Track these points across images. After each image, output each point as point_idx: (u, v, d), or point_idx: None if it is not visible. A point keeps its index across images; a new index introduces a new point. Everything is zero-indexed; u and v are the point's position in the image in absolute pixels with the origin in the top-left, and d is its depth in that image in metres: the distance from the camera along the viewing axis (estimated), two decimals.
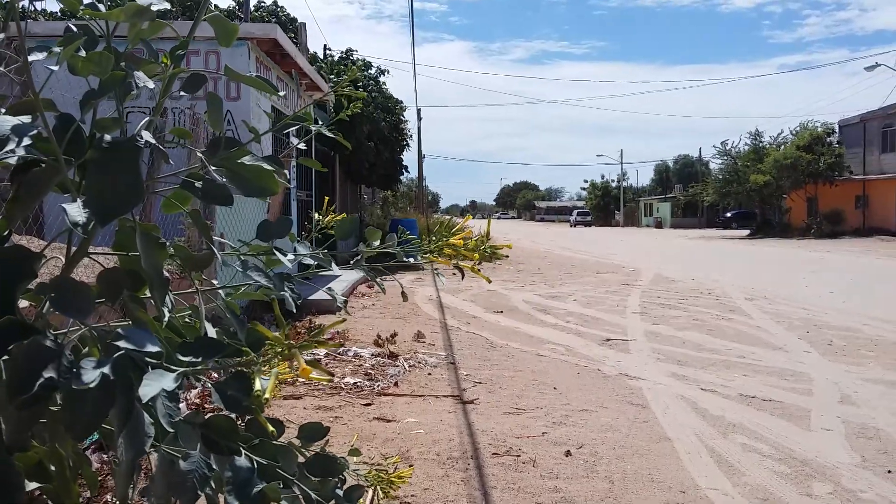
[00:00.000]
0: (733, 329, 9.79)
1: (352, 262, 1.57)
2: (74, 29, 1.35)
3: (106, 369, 0.99)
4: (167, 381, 1.05)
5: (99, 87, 1.19)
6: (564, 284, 15.89)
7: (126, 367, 1.03)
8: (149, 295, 1.29)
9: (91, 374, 0.98)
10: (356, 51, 25.27)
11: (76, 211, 1.13)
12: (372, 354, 7.67)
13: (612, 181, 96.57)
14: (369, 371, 7.03)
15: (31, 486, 1.39)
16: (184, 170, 1.29)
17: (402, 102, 25.42)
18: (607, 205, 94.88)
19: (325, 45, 26.67)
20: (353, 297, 12.72)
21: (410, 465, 4.52)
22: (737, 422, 5.49)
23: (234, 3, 23.53)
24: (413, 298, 12.60)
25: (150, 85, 1.26)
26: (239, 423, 1.36)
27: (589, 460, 4.67)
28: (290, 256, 1.42)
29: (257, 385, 1.30)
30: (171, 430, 1.04)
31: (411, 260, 1.59)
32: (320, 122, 1.54)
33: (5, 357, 1.09)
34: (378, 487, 1.89)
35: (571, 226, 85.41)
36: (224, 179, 1.22)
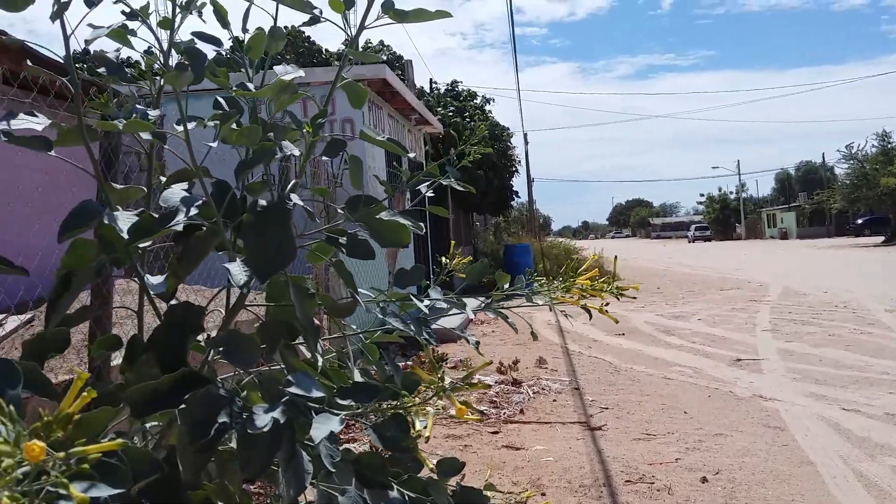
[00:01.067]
0: (874, 343, 9.25)
1: (482, 303, 1.64)
2: (222, 101, 1.49)
3: (276, 414, 1.10)
4: (333, 423, 1.14)
5: (253, 157, 1.31)
6: (687, 303, 15.45)
7: (291, 411, 1.12)
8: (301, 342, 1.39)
9: (263, 419, 1.08)
10: (461, 82, 25.69)
11: (238, 270, 1.25)
12: (496, 382, 7.71)
13: (731, 193, 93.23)
14: (494, 399, 7.07)
15: None
16: (327, 226, 1.40)
17: (508, 129, 25.60)
18: (727, 218, 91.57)
19: (430, 80, 27.29)
20: (472, 324, 12.82)
21: (543, 494, 4.52)
22: (884, 443, 5.19)
23: (343, 47, 24.53)
24: (533, 322, 12.57)
25: (296, 153, 1.37)
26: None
27: (727, 487, 4.53)
28: (427, 303, 1.51)
29: (418, 425, 1.38)
30: (333, 470, 1.13)
31: (539, 302, 1.64)
32: (446, 165, 1.62)
33: (182, 406, 1.21)
34: None
35: (690, 241, 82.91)
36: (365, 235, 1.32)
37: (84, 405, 0.91)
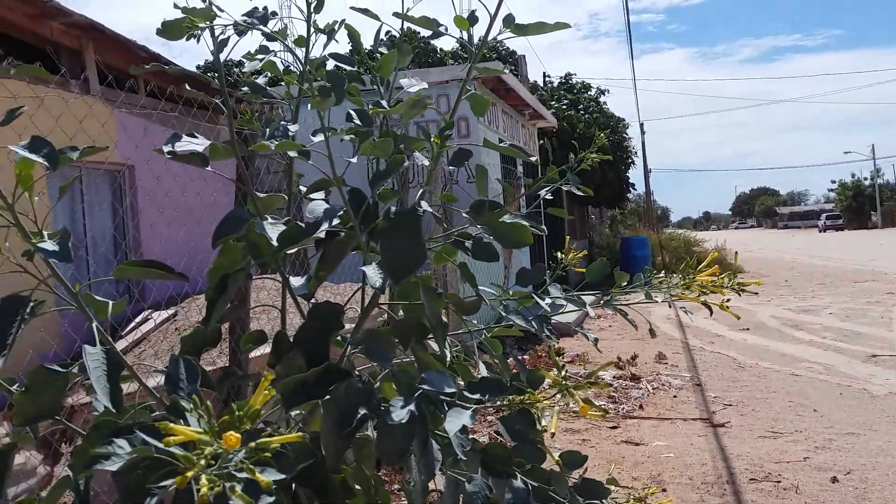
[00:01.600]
0: None
1: (600, 300, 1.70)
2: (354, 115, 1.61)
3: (412, 407, 1.20)
4: (465, 417, 1.23)
5: (386, 168, 1.42)
6: (817, 296, 14.75)
7: (425, 404, 1.22)
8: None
9: (401, 413, 1.18)
10: (574, 74, 25.45)
11: (373, 273, 1.36)
12: (613, 377, 7.66)
13: (865, 179, 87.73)
14: (612, 394, 7.03)
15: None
16: (455, 230, 1.49)
17: (624, 120, 25.13)
18: (860, 206, 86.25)
19: (544, 73, 27.16)
20: (589, 318, 12.72)
21: (664, 490, 4.49)
22: None
23: (456, 45, 24.75)
24: (650, 317, 12.35)
25: (426, 163, 1.48)
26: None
27: (859, 487, 4.36)
28: (549, 301, 1.58)
29: (544, 421, 1.46)
30: (462, 458, 1.22)
31: (658, 299, 1.68)
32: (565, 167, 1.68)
33: (327, 397, 1.33)
34: None
35: (820, 231, 78.65)
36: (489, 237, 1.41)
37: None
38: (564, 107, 22.34)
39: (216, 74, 1.68)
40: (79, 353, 1.40)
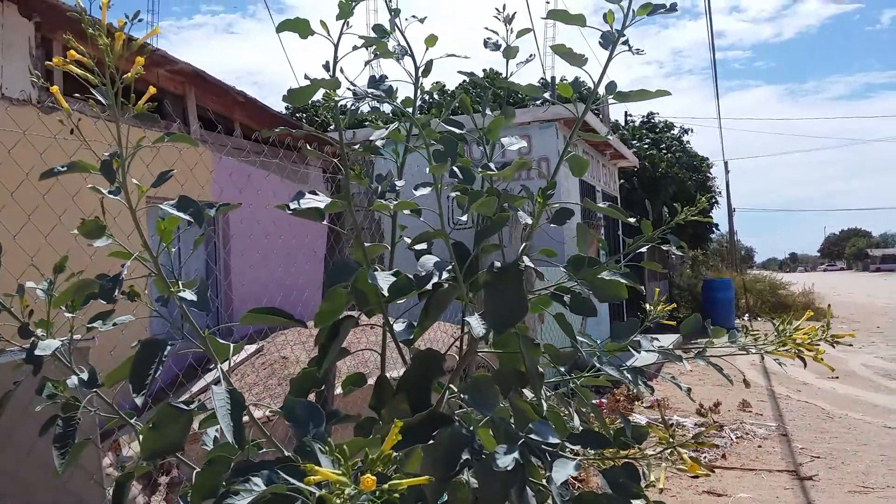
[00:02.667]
0: None
1: (695, 353, 1.73)
2: (457, 171, 1.71)
3: (516, 455, 1.26)
4: (570, 468, 1.29)
5: (491, 225, 1.51)
6: None
7: (527, 453, 1.29)
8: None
9: (506, 459, 1.25)
10: (657, 113, 25.24)
11: (476, 323, 1.44)
12: (694, 424, 7.50)
13: None
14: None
15: None
16: (552, 284, 1.56)
17: (707, 159, 24.77)
18: None
19: (625, 112, 27.04)
20: (669, 364, 12.47)
21: None
22: None
23: (539, 84, 24.96)
24: (734, 361, 12.03)
25: (528, 221, 1.56)
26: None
27: None
28: (643, 354, 1.62)
29: (652, 476, 1.50)
30: None
31: (752, 351, 1.70)
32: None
33: (430, 441, 1.41)
34: None
35: None
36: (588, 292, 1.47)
37: None
38: (646, 146, 22.18)
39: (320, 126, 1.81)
40: (174, 381, 1.52)
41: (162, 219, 1.38)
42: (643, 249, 1.64)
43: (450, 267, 1.45)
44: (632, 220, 1.57)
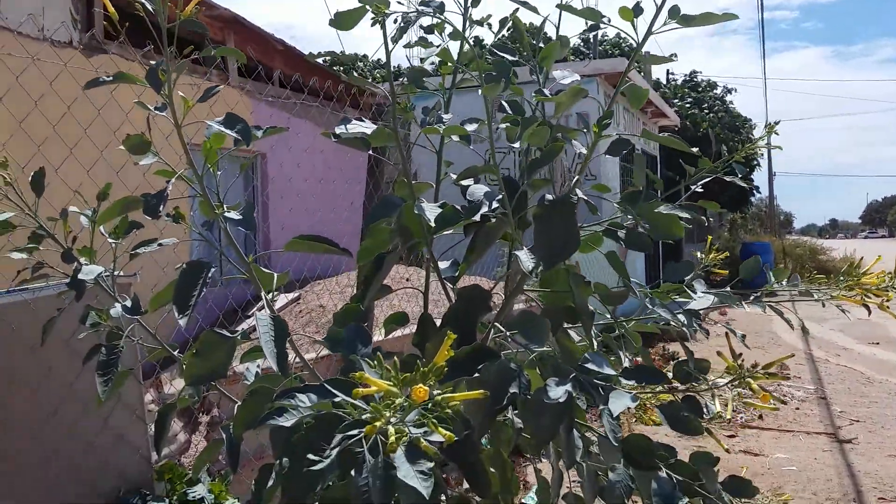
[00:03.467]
0: None
1: (751, 297, 1.67)
2: (506, 105, 1.65)
3: (568, 387, 1.22)
4: (628, 400, 1.25)
5: (542, 156, 1.45)
6: None
7: (579, 387, 1.25)
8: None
9: (558, 391, 1.21)
10: (700, 72, 24.64)
11: (526, 258, 1.39)
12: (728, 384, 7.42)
13: None
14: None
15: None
16: (607, 219, 1.50)
17: (750, 120, 24.17)
18: None
19: (668, 70, 26.42)
20: (705, 323, 12.34)
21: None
22: None
23: (580, 41, 24.49)
24: (771, 326, 11.88)
25: (584, 151, 1.50)
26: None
27: None
28: (700, 295, 1.57)
29: (717, 407, 1.45)
30: (615, 444, 1.24)
31: (815, 296, 1.64)
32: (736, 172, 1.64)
33: (476, 375, 1.37)
34: None
35: None
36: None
37: None
38: (688, 105, 21.71)
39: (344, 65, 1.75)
40: (214, 324, 1.50)
41: (208, 138, 1.34)
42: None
43: (500, 198, 1.40)
44: (694, 149, 1.50)
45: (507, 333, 1.51)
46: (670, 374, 1.60)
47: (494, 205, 1.38)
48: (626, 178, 12.05)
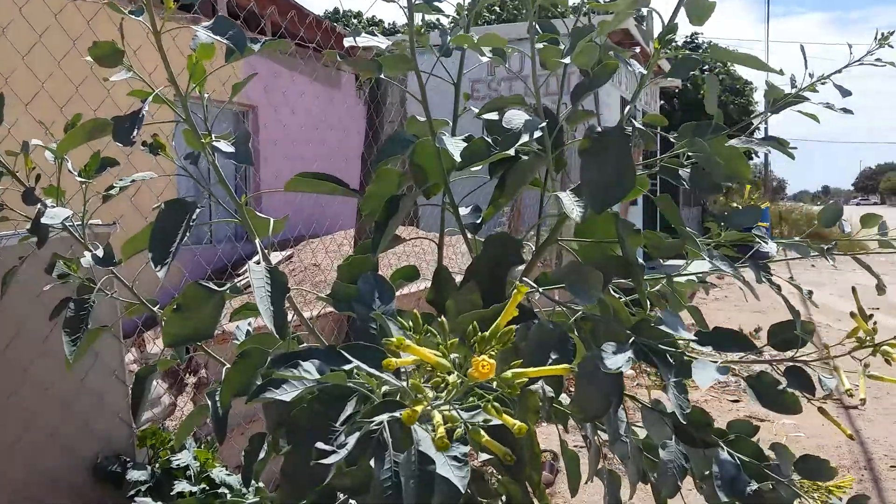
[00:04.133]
0: None
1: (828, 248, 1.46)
2: (537, 27, 1.41)
3: (630, 354, 1.01)
4: (713, 371, 1.04)
5: (593, 77, 1.22)
6: None
7: (640, 354, 1.04)
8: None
9: (617, 360, 1.00)
10: (701, 33, 24.25)
11: (569, 201, 1.17)
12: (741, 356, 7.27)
13: None
14: (733, 367, 6.67)
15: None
16: (665, 155, 1.28)
17: (751, 83, 23.87)
18: None
19: None
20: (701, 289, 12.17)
21: None
22: None
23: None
24: (769, 290, 11.72)
25: (643, 70, 1.27)
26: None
27: None
28: (768, 243, 1.35)
29: (840, 382, 1.26)
30: (683, 422, 1.03)
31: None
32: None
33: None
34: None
35: None
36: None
37: None
38: None
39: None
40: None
41: (194, 50, 1.10)
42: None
43: (542, 125, 1.17)
44: (777, 70, 1.27)
45: (541, 290, 1.30)
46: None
47: (537, 133, 1.15)
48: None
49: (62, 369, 2.41)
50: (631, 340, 1.04)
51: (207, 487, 2.17)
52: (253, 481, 1.50)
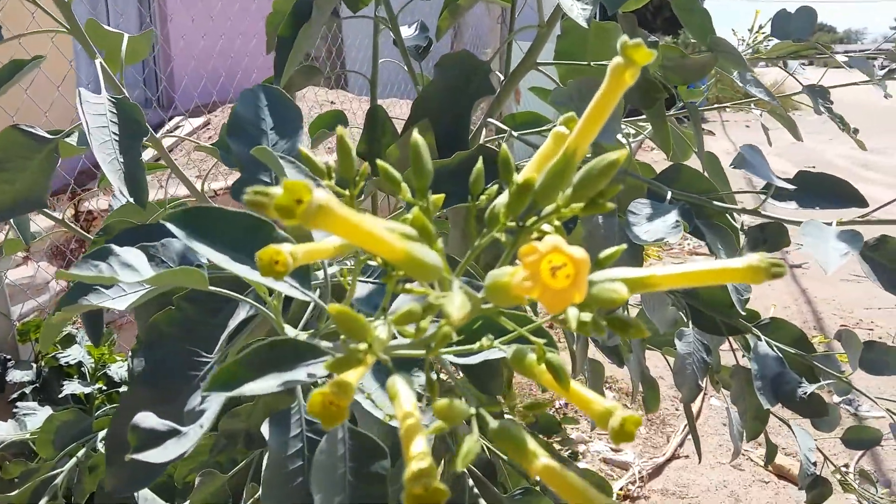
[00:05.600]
0: None
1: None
2: None
3: (676, 216, 0.67)
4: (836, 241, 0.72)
5: None
6: (882, 138, 13.83)
7: (686, 215, 0.70)
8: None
9: (654, 229, 0.66)
10: None
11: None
12: None
13: None
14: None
15: None
16: None
17: None
18: None
19: None
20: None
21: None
22: None
23: None
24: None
25: None
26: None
27: None
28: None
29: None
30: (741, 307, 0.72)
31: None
32: None
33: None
34: None
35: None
36: None
37: None
38: None
39: None
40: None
41: None
42: None
43: None
44: None
45: (516, 134, 0.94)
46: None
47: None
48: None
49: None
50: (669, 197, 0.70)
51: (105, 387, 1.83)
52: None
